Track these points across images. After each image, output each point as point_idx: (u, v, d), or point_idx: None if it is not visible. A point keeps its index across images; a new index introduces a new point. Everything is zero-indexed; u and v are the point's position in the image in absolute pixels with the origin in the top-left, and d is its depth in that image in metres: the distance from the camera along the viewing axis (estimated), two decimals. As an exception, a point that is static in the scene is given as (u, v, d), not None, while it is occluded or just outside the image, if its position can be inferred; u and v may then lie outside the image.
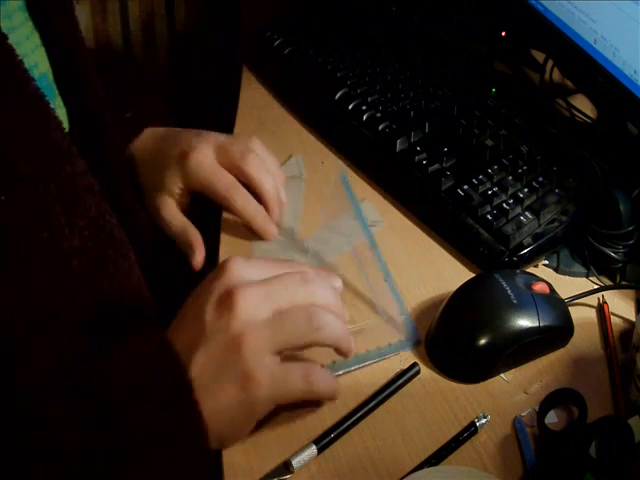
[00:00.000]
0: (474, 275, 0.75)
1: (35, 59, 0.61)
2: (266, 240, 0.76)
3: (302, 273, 0.57)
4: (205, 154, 0.75)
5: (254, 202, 0.76)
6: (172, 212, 0.77)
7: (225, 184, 0.75)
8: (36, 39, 0.62)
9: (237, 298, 0.53)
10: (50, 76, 0.63)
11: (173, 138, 0.78)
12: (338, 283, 0.61)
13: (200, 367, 0.53)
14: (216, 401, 0.53)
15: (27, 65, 0.55)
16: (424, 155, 0.83)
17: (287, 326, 0.55)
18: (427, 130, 0.87)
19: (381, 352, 0.67)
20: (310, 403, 0.61)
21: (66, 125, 0.64)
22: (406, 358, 0.68)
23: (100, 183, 0.60)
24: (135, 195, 0.75)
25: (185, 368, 0.53)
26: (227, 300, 0.54)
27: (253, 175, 0.76)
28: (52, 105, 0.58)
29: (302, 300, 0.56)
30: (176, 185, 0.76)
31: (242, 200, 0.75)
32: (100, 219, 0.59)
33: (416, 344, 0.69)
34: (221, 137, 0.78)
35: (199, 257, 0.74)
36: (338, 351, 0.59)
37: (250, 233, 0.77)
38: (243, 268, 0.56)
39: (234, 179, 0.75)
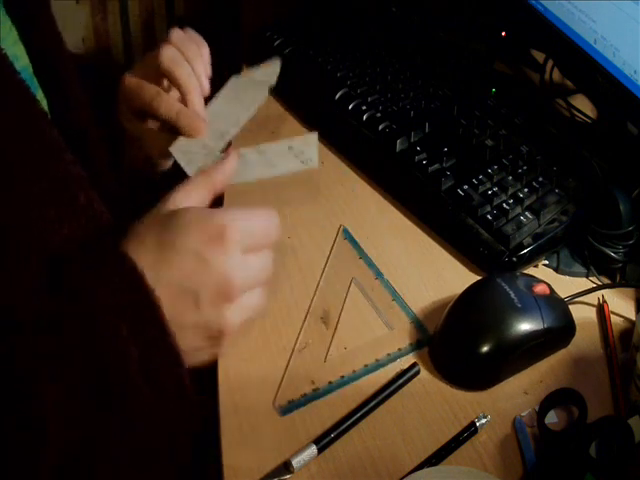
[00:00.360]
0: (474, 275, 0.75)
1: (15, 52, 0.61)
2: (194, 137, 0.70)
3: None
4: (129, 76, 0.73)
5: (177, 104, 0.71)
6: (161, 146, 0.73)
7: (149, 95, 0.71)
8: (14, 34, 0.62)
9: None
10: (30, 69, 0.63)
11: None
12: None
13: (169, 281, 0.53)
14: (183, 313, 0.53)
15: (10, 58, 0.55)
16: (424, 155, 0.83)
17: (248, 223, 0.55)
18: (427, 130, 0.87)
19: (390, 358, 0.68)
20: None
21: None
22: (406, 358, 0.68)
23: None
24: (118, 187, 0.74)
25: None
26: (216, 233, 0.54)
27: (165, 68, 0.71)
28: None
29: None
30: (128, 119, 0.74)
31: (164, 105, 0.71)
32: (89, 208, 0.59)
33: (425, 344, 0.69)
34: None
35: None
36: None
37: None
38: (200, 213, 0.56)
39: (157, 88, 0.72)
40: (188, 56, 0.73)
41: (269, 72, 0.78)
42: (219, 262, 0.53)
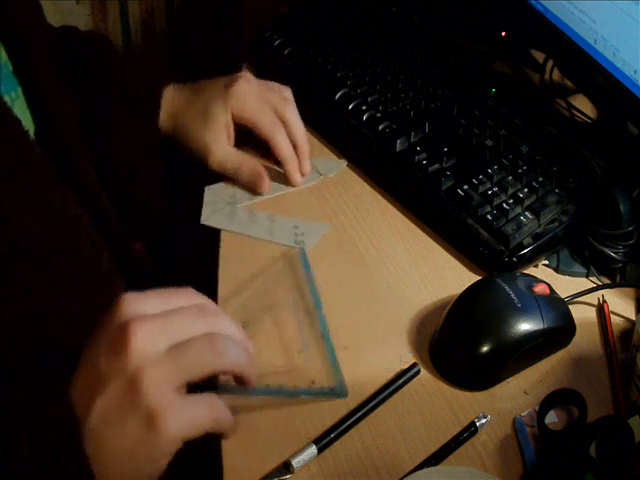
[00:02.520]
0: (474, 275, 0.75)
1: None
2: (292, 185, 0.82)
3: (200, 306, 0.52)
4: (250, 85, 0.79)
5: (291, 147, 0.81)
6: (225, 147, 0.79)
7: (271, 119, 0.79)
8: None
9: (129, 335, 0.48)
10: (10, 67, 0.62)
11: (211, 81, 0.81)
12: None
13: (99, 417, 0.48)
14: (120, 448, 0.48)
15: None
16: (424, 155, 0.83)
17: (188, 356, 0.49)
18: (427, 130, 0.87)
19: (310, 391, 0.64)
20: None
21: (27, 116, 0.63)
22: (406, 359, 0.68)
23: (63, 174, 0.60)
24: (102, 189, 0.73)
25: (78, 423, 0.48)
26: (119, 338, 0.48)
27: (292, 122, 0.80)
28: (13, 94, 0.59)
29: (201, 331, 0.51)
30: (224, 116, 0.78)
31: (284, 140, 0.79)
32: (63, 210, 0.59)
33: (343, 396, 0.64)
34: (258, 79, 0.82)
35: (265, 183, 0.80)
36: (240, 378, 0.54)
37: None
38: (136, 303, 0.50)
39: (276, 117, 0.79)
40: (287, 119, 0.81)
41: (329, 167, 0.86)
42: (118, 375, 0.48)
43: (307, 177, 0.83)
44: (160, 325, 0.49)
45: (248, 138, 0.82)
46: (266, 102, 0.80)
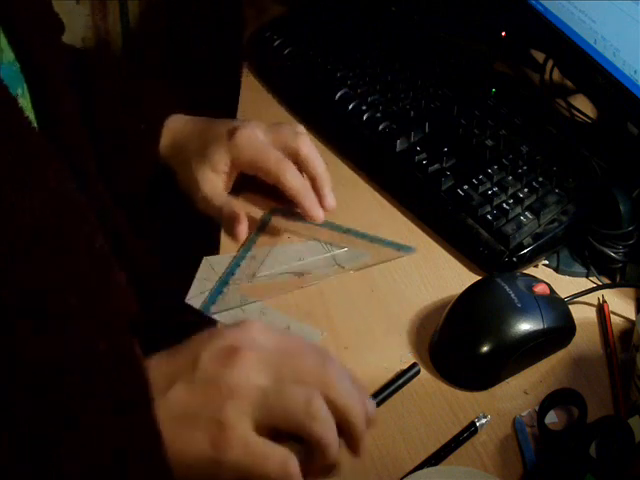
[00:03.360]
0: (474, 275, 0.75)
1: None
2: (313, 220, 0.75)
3: (324, 353, 0.53)
4: (254, 131, 0.75)
5: (305, 181, 0.75)
6: (215, 188, 0.75)
7: (276, 158, 0.73)
8: None
9: (243, 356, 0.50)
10: (17, 65, 0.63)
11: (218, 120, 0.78)
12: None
13: (176, 400, 0.49)
14: (181, 446, 0.49)
15: None
16: (424, 155, 0.83)
17: (281, 399, 0.49)
18: (427, 130, 0.87)
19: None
20: None
21: (32, 116, 0.64)
22: (406, 359, 0.68)
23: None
24: (105, 185, 0.73)
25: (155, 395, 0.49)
26: (232, 353, 0.50)
27: (307, 156, 0.75)
28: (18, 91, 0.59)
29: (312, 381, 0.50)
30: (223, 161, 0.75)
31: (293, 175, 0.73)
32: (64, 210, 0.59)
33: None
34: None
35: (239, 229, 0.74)
36: (322, 455, 0.50)
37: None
38: (262, 333, 0.52)
39: (283, 155, 0.74)
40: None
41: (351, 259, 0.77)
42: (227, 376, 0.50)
43: (325, 268, 0.74)
44: (274, 361, 0.51)
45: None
46: (274, 142, 0.75)
